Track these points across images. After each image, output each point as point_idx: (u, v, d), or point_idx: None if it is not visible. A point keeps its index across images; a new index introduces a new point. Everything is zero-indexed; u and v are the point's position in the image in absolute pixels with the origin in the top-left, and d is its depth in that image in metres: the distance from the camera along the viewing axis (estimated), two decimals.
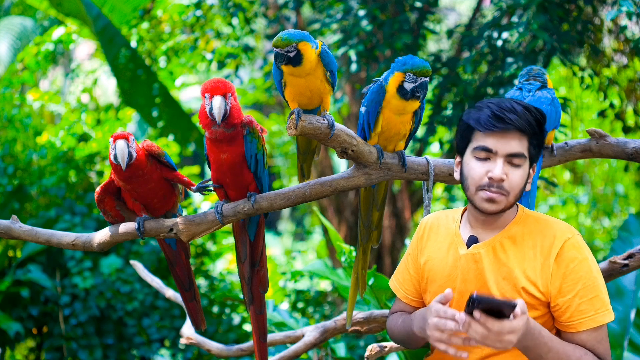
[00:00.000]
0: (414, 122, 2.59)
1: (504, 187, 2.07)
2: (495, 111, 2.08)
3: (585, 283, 2.06)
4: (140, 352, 5.28)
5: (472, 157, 2.12)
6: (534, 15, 3.99)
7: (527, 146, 2.10)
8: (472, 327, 1.88)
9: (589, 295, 2.06)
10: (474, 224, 2.19)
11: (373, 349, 2.89)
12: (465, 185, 2.13)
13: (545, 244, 2.10)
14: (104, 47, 6.08)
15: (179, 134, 6.16)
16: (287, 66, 2.40)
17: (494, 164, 2.08)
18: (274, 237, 10.23)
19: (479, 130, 2.10)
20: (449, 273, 2.18)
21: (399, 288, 2.36)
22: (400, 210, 6.13)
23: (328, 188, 2.58)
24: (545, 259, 2.08)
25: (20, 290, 5.05)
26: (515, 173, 2.08)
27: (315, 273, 3.93)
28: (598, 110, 5.22)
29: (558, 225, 2.14)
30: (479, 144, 2.10)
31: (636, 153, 2.64)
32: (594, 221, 7.51)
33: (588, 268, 2.07)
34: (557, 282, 2.06)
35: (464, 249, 2.17)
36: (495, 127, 2.07)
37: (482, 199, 2.09)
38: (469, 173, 2.12)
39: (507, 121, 2.06)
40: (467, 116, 2.15)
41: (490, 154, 2.09)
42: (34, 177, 5.51)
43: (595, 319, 2.05)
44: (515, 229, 2.14)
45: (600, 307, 2.06)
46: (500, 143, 2.08)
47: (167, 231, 2.61)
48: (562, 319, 2.07)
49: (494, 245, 2.13)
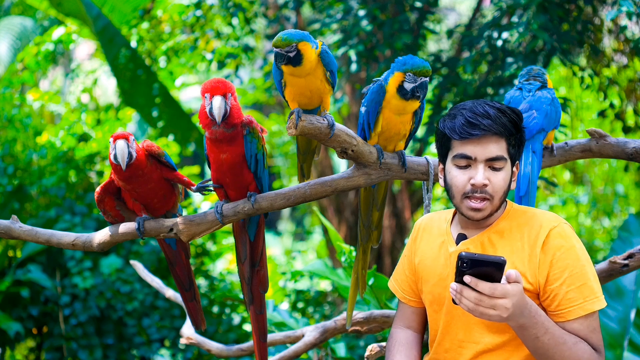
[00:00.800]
0: (414, 122, 2.59)
1: (488, 191, 2.09)
2: (468, 118, 2.09)
3: (573, 271, 2.05)
4: (140, 352, 5.28)
5: (453, 166, 2.13)
6: (534, 15, 3.99)
7: (506, 148, 2.11)
8: (464, 294, 1.89)
9: (577, 283, 2.04)
10: (463, 224, 2.21)
11: (373, 349, 2.89)
12: (451, 194, 2.15)
13: (531, 234, 2.10)
14: (104, 47, 6.08)
15: (179, 134, 6.16)
16: (287, 66, 2.39)
17: (475, 170, 2.09)
18: (274, 237, 10.23)
19: (455, 139, 2.11)
20: (441, 272, 2.19)
21: (398, 289, 2.38)
22: (400, 210, 6.13)
23: (328, 188, 2.58)
24: (532, 249, 2.08)
25: (20, 290, 5.05)
26: (497, 176, 2.10)
27: (315, 273, 3.94)
28: (598, 110, 5.22)
29: (544, 215, 2.14)
30: (457, 152, 2.11)
31: (636, 153, 2.64)
32: (594, 221, 7.51)
33: (575, 256, 2.06)
34: (544, 271, 2.06)
35: (453, 247, 2.19)
36: (471, 135, 2.08)
37: (467, 208, 2.11)
38: (452, 182, 2.13)
39: (481, 127, 2.07)
40: (442, 124, 2.16)
41: (470, 161, 2.10)
42: (34, 177, 5.52)
43: (584, 307, 2.04)
44: (502, 223, 2.15)
45: (589, 295, 2.04)
46: (478, 149, 2.09)
47: (167, 231, 2.61)
48: (551, 307, 2.07)
49: (482, 241, 2.14)
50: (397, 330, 2.38)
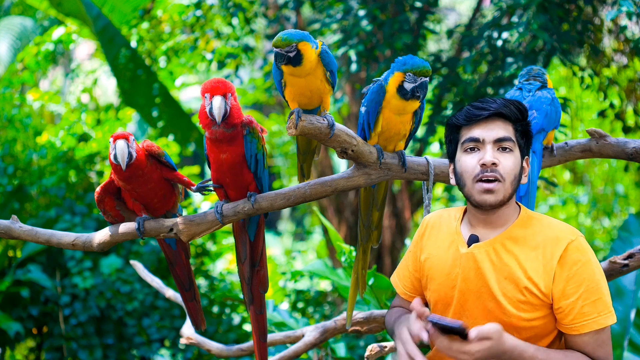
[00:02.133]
0: (414, 122, 2.59)
1: (499, 171, 2.08)
2: (475, 104, 2.15)
3: (589, 285, 2.05)
4: (140, 352, 5.28)
5: (462, 153, 2.14)
6: (534, 15, 3.99)
7: (513, 132, 2.12)
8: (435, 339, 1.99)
9: (592, 297, 2.05)
10: (474, 223, 2.18)
11: (373, 349, 2.89)
12: (462, 182, 2.14)
13: (547, 246, 2.09)
14: (104, 47, 6.08)
15: (179, 134, 6.16)
16: (287, 66, 2.40)
17: (484, 152, 2.10)
18: (274, 237, 10.23)
19: (464, 125, 2.14)
20: (449, 271, 2.18)
21: (399, 283, 2.37)
22: (400, 210, 6.13)
23: (328, 188, 2.58)
24: (548, 262, 2.07)
25: (20, 290, 5.05)
26: (507, 158, 2.10)
27: (315, 273, 3.94)
28: (598, 110, 5.22)
29: (561, 227, 2.13)
30: (465, 137, 2.13)
31: (636, 153, 2.65)
32: (594, 221, 7.51)
33: (591, 271, 2.07)
34: (560, 285, 2.06)
35: (464, 248, 2.16)
36: (477, 117, 2.11)
37: (479, 191, 2.09)
38: (462, 168, 2.13)
39: (487, 108, 2.11)
40: (450, 120, 2.19)
41: (478, 144, 2.11)
42: (34, 177, 5.52)
43: (597, 322, 2.05)
44: (517, 230, 2.13)
45: (603, 310, 2.05)
46: (485, 131, 2.11)
47: (167, 231, 2.61)
48: (564, 321, 2.07)
49: (495, 245, 2.12)
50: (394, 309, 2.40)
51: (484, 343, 1.94)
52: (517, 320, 2.07)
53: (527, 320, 2.07)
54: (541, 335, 2.10)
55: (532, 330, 2.09)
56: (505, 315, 2.08)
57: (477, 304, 2.12)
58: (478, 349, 1.94)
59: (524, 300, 2.06)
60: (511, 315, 2.07)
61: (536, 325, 2.08)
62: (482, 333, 1.94)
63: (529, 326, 2.08)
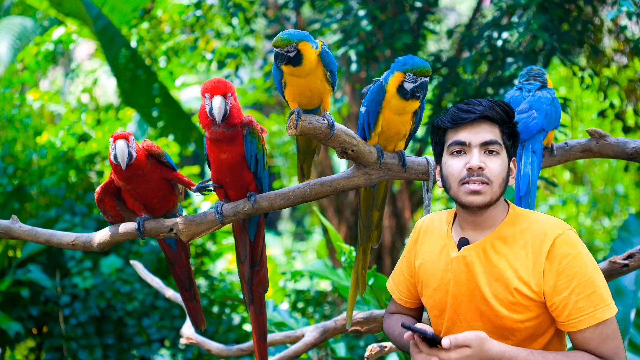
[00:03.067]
0: (414, 122, 2.59)
1: (486, 175, 2.06)
2: (460, 106, 2.11)
3: (581, 279, 2.01)
4: (140, 352, 5.28)
5: (449, 156, 2.11)
6: (534, 15, 3.99)
7: (500, 135, 2.10)
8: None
9: (586, 291, 2.00)
10: (464, 225, 2.15)
11: (373, 349, 2.89)
12: (448, 185, 2.12)
13: (535, 242, 2.05)
14: (104, 47, 6.08)
15: (179, 134, 6.16)
16: (287, 66, 2.40)
17: (470, 155, 2.08)
18: (274, 237, 10.23)
19: (450, 128, 2.11)
20: (442, 276, 2.15)
21: (395, 289, 2.35)
22: (400, 210, 6.13)
23: (328, 188, 2.58)
24: (537, 258, 2.04)
25: (20, 290, 5.05)
26: (493, 161, 2.07)
27: (315, 273, 3.94)
28: (598, 110, 5.22)
29: (548, 222, 2.09)
30: (451, 140, 2.11)
31: (636, 153, 2.65)
32: (594, 221, 7.51)
33: (582, 263, 2.02)
34: (550, 281, 2.02)
35: (455, 252, 2.14)
36: (463, 120, 2.08)
37: (465, 193, 2.07)
38: (448, 171, 2.11)
39: (473, 111, 2.08)
40: (435, 122, 2.16)
41: (465, 147, 2.09)
42: (34, 177, 5.52)
43: (594, 316, 2.00)
44: (505, 229, 2.10)
45: (599, 303, 2.00)
46: (471, 134, 2.08)
47: (167, 231, 2.61)
48: (561, 318, 2.03)
49: (484, 247, 2.10)
50: (390, 314, 2.39)
51: (463, 351, 1.93)
52: (509, 322, 2.05)
53: (520, 321, 2.04)
54: (537, 335, 2.07)
55: (527, 332, 2.06)
56: (497, 318, 2.06)
57: (470, 307, 2.09)
58: (456, 357, 1.94)
59: (514, 301, 2.03)
60: (503, 317, 2.05)
61: (530, 326, 2.05)
62: (458, 341, 1.94)
63: (523, 327, 2.05)
